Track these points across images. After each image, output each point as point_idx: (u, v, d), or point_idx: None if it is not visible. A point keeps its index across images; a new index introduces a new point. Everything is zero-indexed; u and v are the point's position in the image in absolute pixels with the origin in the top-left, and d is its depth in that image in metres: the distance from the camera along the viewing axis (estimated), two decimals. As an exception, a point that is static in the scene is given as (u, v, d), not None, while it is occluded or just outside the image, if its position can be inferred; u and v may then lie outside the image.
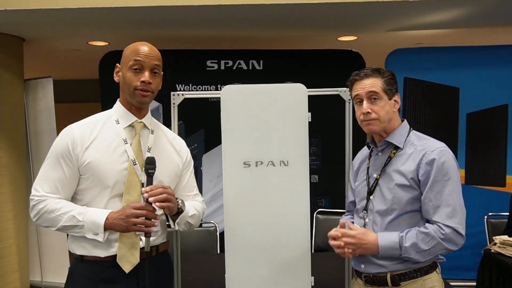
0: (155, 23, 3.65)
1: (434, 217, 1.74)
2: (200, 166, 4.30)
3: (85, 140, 1.71)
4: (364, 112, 1.82)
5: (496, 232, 3.38)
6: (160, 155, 1.80)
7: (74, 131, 1.73)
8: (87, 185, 1.71)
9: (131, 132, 1.79)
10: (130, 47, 1.77)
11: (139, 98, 1.74)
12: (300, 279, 2.24)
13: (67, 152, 1.70)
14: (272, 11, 3.32)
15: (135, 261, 1.70)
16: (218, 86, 4.23)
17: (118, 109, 1.81)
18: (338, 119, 2.63)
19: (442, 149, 1.77)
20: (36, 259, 4.35)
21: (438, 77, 4.02)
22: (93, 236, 1.66)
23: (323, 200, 4.33)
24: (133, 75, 1.72)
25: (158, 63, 1.77)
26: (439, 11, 3.45)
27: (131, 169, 1.71)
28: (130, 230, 1.65)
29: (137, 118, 1.80)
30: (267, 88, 2.24)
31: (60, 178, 1.70)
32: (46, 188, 1.70)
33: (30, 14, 3.27)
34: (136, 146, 1.76)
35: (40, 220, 1.71)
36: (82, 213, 1.66)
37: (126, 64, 1.74)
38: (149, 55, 1.74)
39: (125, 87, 1.76)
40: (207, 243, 3.58)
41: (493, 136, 4.00)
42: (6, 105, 3.93)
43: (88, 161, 1.69)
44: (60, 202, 1.69)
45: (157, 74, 1.78)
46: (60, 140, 1.73)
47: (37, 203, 1.70)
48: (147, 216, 1.63)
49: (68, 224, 1.67)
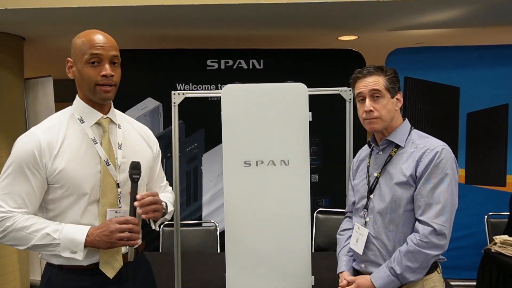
0: (155, 22, 3.65)
1: (422, 217, 1.73)
2: (200, 166, 4.30)
3: (53, 146, 1.54)
4: (367, 110, 1.82)
5: (496, 232, 3.38)
6: (132, 150, 1.68)
7: (39, 137, 1.54)
8: (61, 194, 1.55)
9: (99, 130, 1.63)
10: (81, 37, 1.59)
11: (101, 95, 1.58)
12: (301, 278, 2.24)
13: (33, 162, 1.52)
14: (272, 11, 3.32)
15: (119, 266, 1.60)
16: (218, 85, 4.23)
17: (79, 106, 1.63)
18: (339, 118, 2.63)
19: (442, 148, 1.76)
20: (36, 258, 4.34)
21: (438, 77, 4.02)
22: (70, 255, 1.52)
23: (323, 200, 4.33)
24: (92, 70, 1.55)
25: (116, 53, 1.60)
26: (439, 10, 3.45)
27: (105, 170, 1.58)
28: (115, 246, 1.54)
29: (102, 114, 1.63)
30: (268, 87, 2.24)
31: (26, 191, 1.52)
32: (11, 203, 1.52)
33: (30, 13, 3.27)
34: (106, 145, 1.61)
35: (5, 239, 1.53)
36: (57, 230, 1.51)
37: (80, 58, 1.56)
38: (106, 45, 1.57)
39: (83, 84, 1.59)
40: (207, 242, 3.58)
41: (493, 136, 4.00)
42: (6, 104, 3.93)
43: (59, 169, 1.53)
44: (29, 219, 1.52)
45: (117, 65, 1.61)
46: (23, 149, 1.54)
47: (2, 220, 1.51)
48: (132, 230, 1.53)
49: (41, 243, 1.51)
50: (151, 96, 4.17)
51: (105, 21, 3.57)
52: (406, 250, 1.73)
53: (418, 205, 1.75)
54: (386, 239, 1.81)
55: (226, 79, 3.10)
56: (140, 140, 1.76)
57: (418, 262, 1.71)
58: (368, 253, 1.86)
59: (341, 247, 2.03)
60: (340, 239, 2.07)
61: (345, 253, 2.00)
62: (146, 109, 4.19)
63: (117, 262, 1.60)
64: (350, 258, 1.98)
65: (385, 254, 1.81)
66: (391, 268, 1.74)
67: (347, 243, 2.00)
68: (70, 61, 1.62)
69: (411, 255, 1.71)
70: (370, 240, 1.85)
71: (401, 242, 1.78)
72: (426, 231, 1.71)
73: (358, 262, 1.91)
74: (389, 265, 1.76)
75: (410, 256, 1.71)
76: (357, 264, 1.92)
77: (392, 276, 1.74)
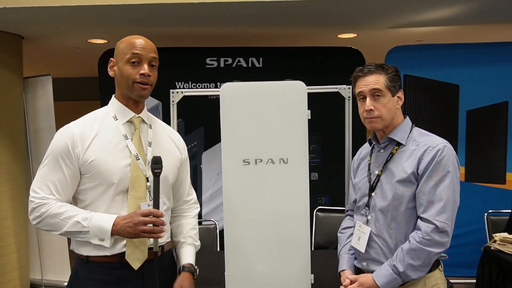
0: (154, 21, 3.64)
1: (425, 214, 1.73)
2: (200, 164, 4.30)
3: (85, 138, 1.67)
4: (367, 109, 1.82)
5: (496, 230, 3.38)
6: (161, 149, 1.78)
7: (73, 130, 1.68)
8: (91, 184, 1.67)
9: (130, 128, 1.75)
10: (125, 41, 1.74)
11: (138, 92, 1.71)
12: (300, 276, 2.24)
13: (66, 152, 1.65)
14: (271, 8, 3.32)
15: (144, 258, 1.67)
16: (217, 83, 4.23)
17: (114, 105, 1.77)
18: (338, 116, 2.63)
19: (444, 145, 1.76)
20: (36, 257, 4.35)
21: (438, 74, 4.02)
22: (99, 242, 1.62)
23: (323, 198, 4.33)
24: (131, 68, 1.69)
25: (155, 56, 1.74)
26: (439, 8, 3.45)
27: (135, 164, 1.68)
28: (139, 237, 1.62)
29: (134, 113, 1.76)
30: (267, 85, 2.24)
31: (60, 180, 1.65)
32: (46, 190, 1.65)
33: (29, 12, 3.26)
34: (137, 141, 1.73)
35: (41, 224, 1.65)
36: (87, 219, 1.62)
37: (122, 58, 1.70)
38: (146, 47, 1.71)
39: (122, 81, 1.72)
40: (207, 240, 3.58)
41: (493, 133, 4.00)
42: (5, 103, 3.92)
43: (90, 159, 1.65)
44: (63, 206, 1.64)
45: (154, 67, 1.75)
46: (58, 140, 1.68)
47: (38, 206, 1.64)
48: (155, 223, 1.60)
49: (72, 230, 1.62)
50: (150, 94, 4.16)
51: (103, 20, 3.57)
52: (409, 248, 1.73)
53: (420, 202, 1.75)
54: (388, 237, 1.81)
55: (226, 77, 3.09)
56: (170, 141, 1.88)
57: (421, 260, 1.71)
58: (369, 251, 1.86)
59: (342, 245, 2.03)
60: (341, 237, 2.07)
61: (346, 251, 2.00)
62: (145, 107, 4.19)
63: (143, 254, 1.67)
64: (352, 256, 1.98)
65: (387, 252, 1.81)
66: (393, 266, 1.74)
67: (348, 241, 2.00)
68: (113, 61, 1.76)
69: (413, 253, 1.71)
70: (371, 238, 1.85)
71: (402, 240, 1.78)
72: (428, 228, 1.71)
73: (360, 260, 1.91)
74: (391, 263, 1.75)
75: (413, 254, 1.71)
76: (359, 262, 1.92)
77: (394, 274, 1.73)
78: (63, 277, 4.20)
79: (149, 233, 1.60)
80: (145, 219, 1.59)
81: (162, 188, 1.75)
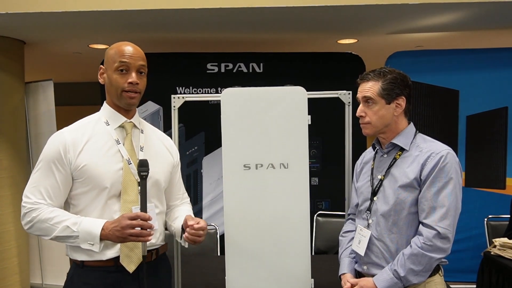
0: (155, 26, 3.66)
1: (427, 220, 1.74)
2: (200, 169, 4.30)
3: (77, 144, 1.68)
4: (357, 115, 1.89)
5: (496, 235, 3.38)
6: (153, 154, 1.80)
7: (65, 136, 1.69)
8: (83, 189, 1.68)
9: (122, 133, 1.77)
10: (113, 48, 1.74)
11: (126, 100, 1.72)
12: (300, 281, 2.24)
13: (58, 158, 1.66)
14: (272, 14, 3.33)
15: (139, 261, 1.68)
16: (218, 89, 4.23)
17: (106, 110, 1.79)
18: (338, 121, 2.64)
19: (447, 152, 1.78)
20: (37, 262, 4.35)
21: (438, 80, 4.03)
22: (88, 246, 1.62)
23: (323, 203, 4.33)
24: (120, 77, 1.70)
25: (143, 63, 1.74)
26: (439, 14, 3.46)
27: (127, 168, 1.70)
28: (127, 241, 1.62)
29: (126, 119, 1.78)
30: (267, 91, 2.25)
31: (52, 185, 1.67)
32: (38, 195, 1.66)
33: (31, 18, 3.27)
34: (129, 146, 1.74)
35: (32, 229, 1.67)
36: (76, 223, 1.62)
37: (111, 66, 1.71)
38: (134, 55, 1.72)
39: (111, 89, 1.73)
40: (207, 245, 3.58)
41: (493, 139, 4.00)
42: (6, 107, 3.93)
43: (82, 164, 1.66)
44: (53, 211, 1.65)
45: (143, 74, 1.76)
46: (50, 146, 1.69)
47: (30, 211, 1.65)
48: (142, 226, 1.59)
49: (62, 235, 1.63)
50: (151, 99, 4.17)
51: (105, 25, 3.59)
52: (410, 253, 1.73)
53: (422, 208, 1.76)
54: (389, 241, 1.82)
55: (226, 83, 3.10)
56: (162, 146, 1.89)
57: (422, 265, 1.72)
58: (370, 255, 1.87)
59: (343, 249, 2.04)
60: (342, 240, 2.08)
61: (347, 255, 2.01)
62: (147, 112, 4.20)
63: (136, 256, 1.68)
64: (352, 260, 1.99)
65: (388, 256, 1.82)
66: (394, 270, 1.75)
67: (349, 245, 2.01)
68: (102, 68, 1.78)
69: (414, 258, 1.72)
70: (372, 242, 1.86)
71: (403, 244, 1.80)
72: (430, 234, 1.72)
73: (360, 264, 1.92)
74: (392, 267, 1.76)
75: (414, 259, 1.72)
76: (359, 266, 1.93)
77: (395, 278, 1.74)
78: (63, 281, 4.17)
79: (137, 236, 1.59)
80: (132, 222, 1.58)
81: (155, 192, 1.78)
